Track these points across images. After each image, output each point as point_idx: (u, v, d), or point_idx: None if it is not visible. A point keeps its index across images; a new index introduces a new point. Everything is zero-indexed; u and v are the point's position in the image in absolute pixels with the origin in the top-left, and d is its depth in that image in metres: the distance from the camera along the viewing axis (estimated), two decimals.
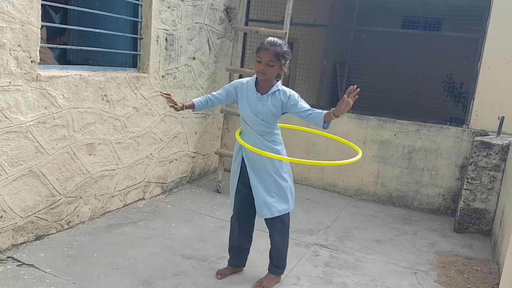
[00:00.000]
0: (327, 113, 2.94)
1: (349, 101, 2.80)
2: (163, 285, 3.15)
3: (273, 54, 2.92)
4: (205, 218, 4.46)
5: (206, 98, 3.22)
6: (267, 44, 2.95)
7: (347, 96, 2.80)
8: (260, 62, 2.95)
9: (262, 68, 2.94)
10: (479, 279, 3.70)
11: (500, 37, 4.94)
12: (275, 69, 2.97)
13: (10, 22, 3.05)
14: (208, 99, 3.21)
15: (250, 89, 3.08)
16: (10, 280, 2.97)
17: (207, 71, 5.41)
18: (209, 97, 3.22)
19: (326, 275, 3.56)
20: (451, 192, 5.26)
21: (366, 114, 5.54)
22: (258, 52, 2.97)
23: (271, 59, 2.92)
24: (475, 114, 5.13)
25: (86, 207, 3.99)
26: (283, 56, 2.95)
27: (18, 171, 3.31)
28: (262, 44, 2.98)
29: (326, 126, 3.03)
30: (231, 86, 3.17)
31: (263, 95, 3.04)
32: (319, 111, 3.00)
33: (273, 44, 2.95)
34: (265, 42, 2.98)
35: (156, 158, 4.77)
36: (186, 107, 3.20)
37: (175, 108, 3.13)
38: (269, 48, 2.93)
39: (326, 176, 5.78)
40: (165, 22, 4.52)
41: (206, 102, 3.22)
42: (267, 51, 2.92)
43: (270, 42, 2.96)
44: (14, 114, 3.19)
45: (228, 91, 3.17)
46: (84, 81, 3.71)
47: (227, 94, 3.18)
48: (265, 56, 2.92)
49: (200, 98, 3.24)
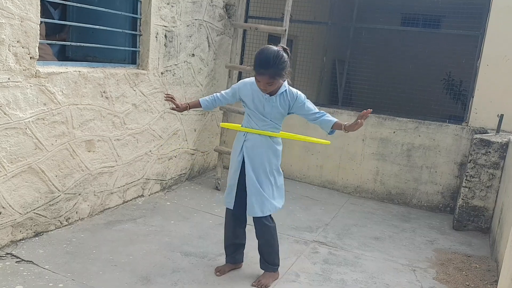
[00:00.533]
0: (338, 123, 3.02)
1: (363, 123, 2.91)
2: (162, 281, 3.15)
3: (269, 76, 2.88)
4: (204, 215, 4.46)
5: (214, 97, 3.24)
6: (261, 69, 2.86)
7: (360, 119, 2.88)
8: (259, 82, 2.94)
9: (263, 89, 2.96)
10: (477, 277, 3.71)
11: (500, 34, 4.94)
12: (276, 84, 2.96)
13: (9, 18, 3.04)
14: (216, 98, 3.24)
15: (257, 89, 3.04)
16: (9, 277, 2.97)
17: (206, 68, 5.40)
18: (217, 96, 3.24)
19: (325, 272, 3.56)
20: (450, 190, 5.27)
21: None
22: (255, 74, 2.91)
23: (269, 81, 2.90)
24: (474, 112, 5.13)
25: (85, 203, 3.99)
26: (279, 74, 2.90)
27: (17, 167, 3.30)
28: (257, 66, 2.88)
29: (331, 133, 3.10)
30: (236, 86, 3.18)
31: (271, 96, 3.03)
32: (328, 118, 3.04)
33: (267, 66, 2.84)
34: (258, 64, 2.87)
35: (155, 155, 4.77)
36: (191, 107, 3.22)
37: (179, 110, 3.14)
38: (264, 72, 2.86)
39: (325, 173, 5.78)
40: (165, 19, 4.51)
41: (214, 101, 3.24)
42: (263, 76, 2.88)
43: (264, 64, 2.85)
44: (13, 110, 3.19)
45: (233, 91, 3.19)
46: (83, 77, 3.71)
47: (232, 94, 3.20)
48: (263, 79, 2.90)
49: (207, 97, 3.26)
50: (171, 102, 3.19)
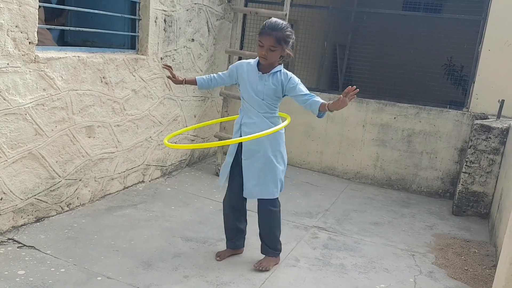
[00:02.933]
0: (322, 103, 2.92)
1: (345, 100, 2.76)
2: (163, 266, 3.18)
3: (275, 39, 2.89)
4: (205, 201, 4.48)
5: (210, 77, 3.25)
6: (268, 29, 2.90)
7: (344, 96, 2.75)
8: (262, 47, 2.93)
9: (264, 54, 2.93)
10: (476, 261, 3.73)
11: (502, 19, 4.90)
12: (277, 53, 2.96)
13: (7, 3, 3.01)
14: (212, 77, 3.24)
15: (252, 69, 3.07)
16: (11, 262, 2.99)
17: (206, 53, 5.37)
18: (214, 76, 3.25)
19: (324, 257, 3.59)
20: (450, 175, 5.28)
21: (366, 97, 5.52)
22: (260, 36, 2.93)
23: (273, 44, 2.90)
24: (475, 97, 5.12)
25: (86, 189, 4.00)
26: (285, 40, 2.93)
27: (18, 153, 3.30)
28: (264, 28, 2.93)
29: (321, 116, 3.02)
30: (233, 66, 3.19)
31: (264, 74, 3.03)
32: (316, 99, 2.96)
33: (274, 28, 2.90)
34: (266, 26, 2.93)
35: (156, 141, 4.77)
36: (186, 81, 3.22)
37: (174, 81, 3.14)
38: (271, 33, 2.89)
39: (325, 159, 5.79)
40: (164, 3, 4.46)
41: (210, 81, 3.24)
42: (269, 36, 2.89)
43: (272, 26, 2.90)
44: (13, 96, 3.17)
45: (231, 71, 3.19)
46: (82, 62, 3.68)
47: (229, 74, 3.20)
48: (267, 41, 2.90)
49: (204, 76, 3.27)
50: (168, 71, 3.17)
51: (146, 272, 3.08)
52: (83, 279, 2.92)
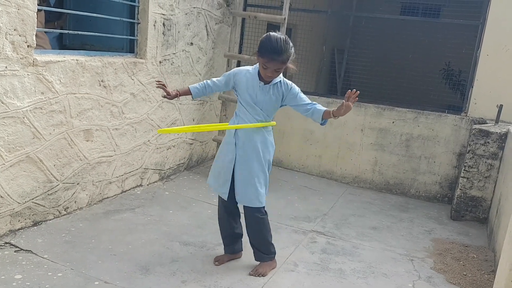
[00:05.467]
0: (326, 111, 2.96)
1: (349, 105, 2.80)
2: (161, 271, 3.16)
3: (281, 63, 2.86)
4: (203, 205, 4.46)
5: (204, 84, 3.17)
6: (274, 55, 2.81)
7: (346, 100, 2.79)
8: (266, 69, 2.88)
9: (269, 75, 2.92)
10: (475, 266, 3.73)
11: (500, 24, 4.91)
12: (282, 71, 2.96)
13: (5, 6, 3.00)
14: (206, 85, 3.17)
15: (252, 77, 3.03)
16: (8, 266, 2.97)
17: (205, 57, 5.37)
18: (208, 83, 3.17)
19: (323, 261, 3.58)
20: (448, 180, 5.28)
21: (364, 102, 5.52)
22: (265, 60, 2.84)
23: (279, 67, 2.88)
24: (473, 102, 5.12)
25: (83, 193, 3.98)
26: (288, 59, 2.90)
27: (15, 156, 3.29)
28: (269, 52, 2.82)
29: (324, 123, 3.04)
30: (230, 73, 3.14)
31: (266, 84, 3.01)
32: (319, 108, 2.99)
33: (280, 52, 2.81)
34: (271, 50, 2.81)
35: (154, 144, 4.76)
36: (181, 94, 3.14)
37: (168, 98, 3.10)
38: (276, 58, 2.82)
39: (324, 163, 5.78)
40: (163, 7, 4.46)
41: (204, 88, 3.17)
42: (274, 62, 2.84)
43: (278, 50, 2.80)
44: (11, 99, 3.16)
45: (227, 78, 3.13)
46: (81, 66, 3.68)
47: (225, 81, 3.14)
48: (273, 66, 2.86)
49: (197, 84, 3.18)
50: (162, 90, 3.14)
51: (144, 277, 3.06)
52: (81, 283, 2.90)
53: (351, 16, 5.67)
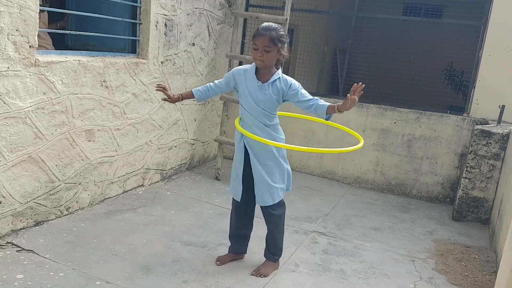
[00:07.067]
0: (331, 106, 2.94)
1: (354, 98, 2.80)
2: (162, 271, 3.16)
3: (269, 39, 2.88)
4: (204, 205, 4.47)
5: (207, 87, 3.18)
6: (261, 30, 2.91)
7: (352, 94, 2.79)
8: (257, 49, 2.91)
9: (259, 55, 2.91)
10: (476, 267, 3.72)
11: (502, 25, 4.90)
12: (273, 55, 2.93)
13: (8, 6, 3.01)
14: (209, 87, 3.18)
15: (250, 77, 3.02)
16: (10, 266, 2.98)
17: (206, 57, 5.37)
18: (210, 85, 3.18)
19: (324, 262, 3.58)
20: (450, 181, 5.27)
21: (366, 102, 5.52)
22: (254, 39, 2.93)
23: (267, 44, 2.88)
24: (475, 103, 5.12)
25: (85, 193, 3.99)
26: (279, 40, 2.90)
27: (17, 157, 3.30)
28: (257, 30, 2.94)
29: (328, 118, 3.02)
30: (230, 74, 3.13)
31: (264, 83, 3.00)
32: (322, 103, 2.97)
33: (267, 29, 2.90)
34: (259, 28, 2.94)
35: (155, 145, 4.76)
36: (183, 97, 3.17)
37: (170, 100, 3.11)
38: (264, 33, 2.88)
39: (325, 164, 5.78)
40: (165, 7, 4.47)
41: (207, 91, 3.18)
42: (263, 37, 2.88)
43: (265, 28, 2.91)
44: (13, 99, 3.17)
45: (228, 80, 3.13)
46: (82, 66, 3.68)
47: (226, 82, 3.15)
48: (261, 42, 2.88)
49: (200, 87, 3.20)
50: (163, 93, 3.15)
51: (145, 277, 3.07)
52: (82, 283, 2.91)
53: (353, 16, 5.66)
